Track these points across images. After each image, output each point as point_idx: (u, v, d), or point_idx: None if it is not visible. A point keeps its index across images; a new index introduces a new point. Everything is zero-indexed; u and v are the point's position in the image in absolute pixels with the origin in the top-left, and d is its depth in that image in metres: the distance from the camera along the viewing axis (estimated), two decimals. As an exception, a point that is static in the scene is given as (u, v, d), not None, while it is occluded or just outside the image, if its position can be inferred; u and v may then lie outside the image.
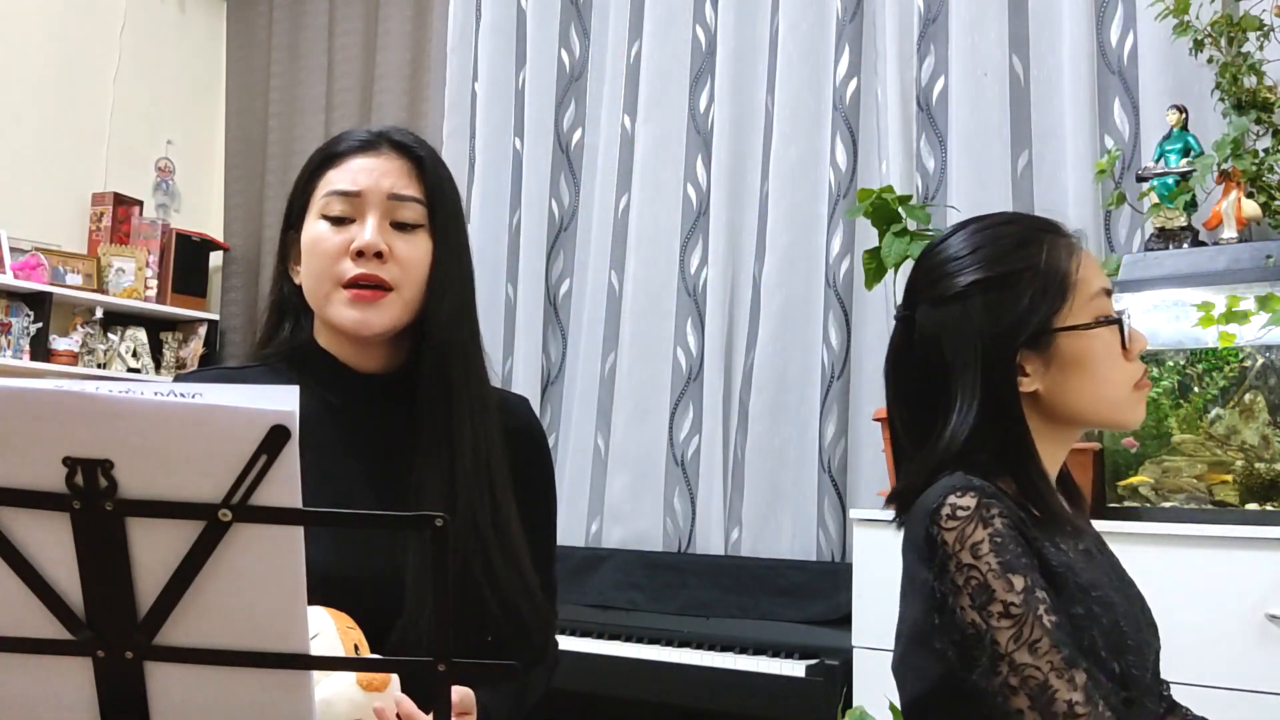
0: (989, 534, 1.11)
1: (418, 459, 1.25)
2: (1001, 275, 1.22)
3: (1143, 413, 1.27)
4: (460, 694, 1.10)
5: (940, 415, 1.22)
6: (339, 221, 1.26)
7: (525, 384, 3.46)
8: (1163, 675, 1.29)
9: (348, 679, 1.02)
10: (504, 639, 1.23)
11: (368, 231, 1.24)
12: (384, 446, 1.27)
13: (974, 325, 1.21)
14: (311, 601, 0.78)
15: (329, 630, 1.05)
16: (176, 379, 1.42)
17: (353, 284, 1.24)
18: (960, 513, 1.12)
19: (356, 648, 1.06)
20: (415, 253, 1.26)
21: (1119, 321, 1.23)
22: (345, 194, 1.26)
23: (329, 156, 1.30)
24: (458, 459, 1.24)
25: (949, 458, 1.20)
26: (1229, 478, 2.11)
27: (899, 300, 2.90)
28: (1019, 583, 1.09)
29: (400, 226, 1.26)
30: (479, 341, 1.33)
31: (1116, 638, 1.15)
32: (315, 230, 1.27)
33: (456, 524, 1.19)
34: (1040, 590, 1.10)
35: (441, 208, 1.28)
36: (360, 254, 1.23)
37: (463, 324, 1.29)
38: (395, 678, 1.06)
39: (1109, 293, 1.25)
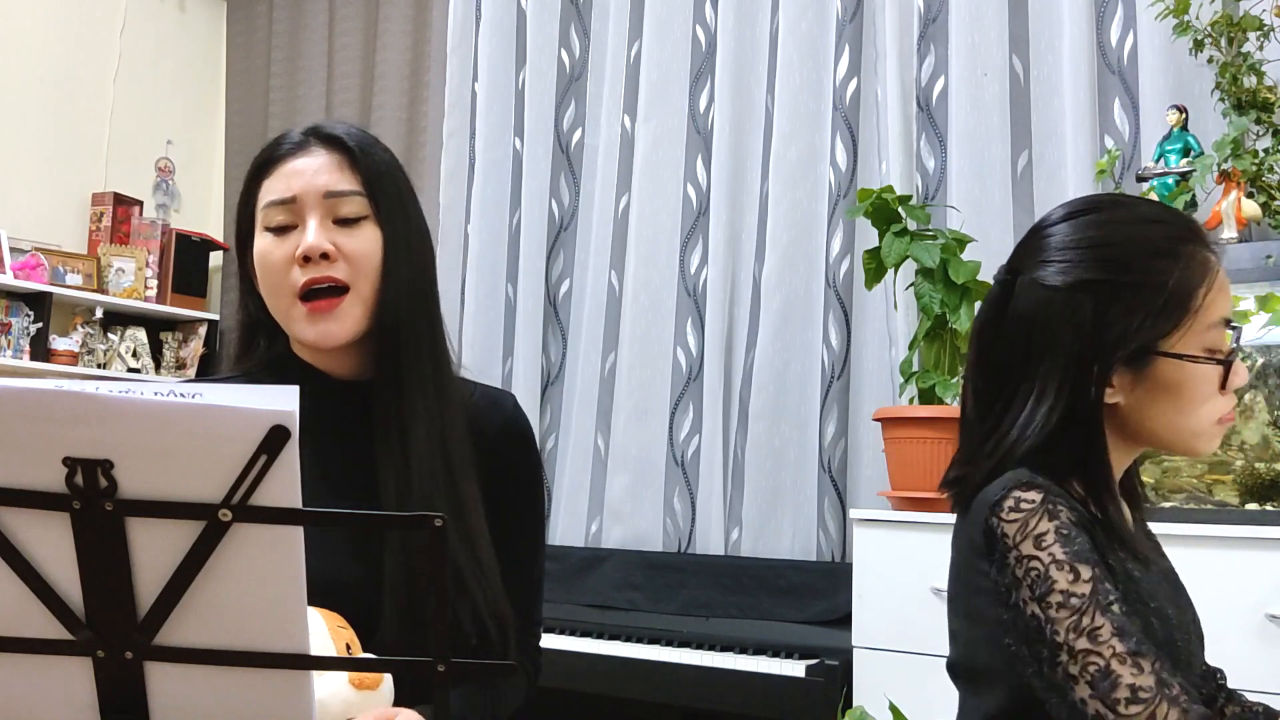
0: (1055, 525, 1.07)
1: (375, 448, 1.23)
2: (1124, 284, 1.14)
3: (1216, 445, 1.20)
4: (389, 715, 1.04)
5: (1014, 400, 1.17)
6: (281, 230, 1.23)
7: (525, 384, 3.46)
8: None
9: (340, 678, 1.02)
10: (466, 637, 1.19)
11: (309, 234, 1.20)
12: (359, 450, 1.25)
13: (1077, 324, 1.14)
14: None
15: (320, 630, 1.05)
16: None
17: (308, 293, 1.21)
18: (1025, 505, 1.08)
19: (349, 647, 1.06)
20: (363, 245, 1.22)
21: (1227, 363, 1.16)
22: (282, 202, 1.23)
23: (263, 165, 1.27)
24: (411, 444, 1.21)
25: (1017, 454, 1.15)
26: (1229, 478, 2.11)
27: (897, 299, 2.90)
28: (1085, 572, 1.05)
29: (343, 222, 1.22)
30: (438, 327, 1.29)
31: (1170, 652, 1.11)
32: (261, 245, 1.24)
33: (412, 510, 1.17)
34: (1109, 583, 1.05)
35: (383, 195, 1.24)
36: (307, 259, 1.20)
37: (415, 308, 1.25)
38: (388, 677, 1.06)
39: (1228, 322, 1.18)
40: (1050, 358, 1.15)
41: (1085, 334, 1.13)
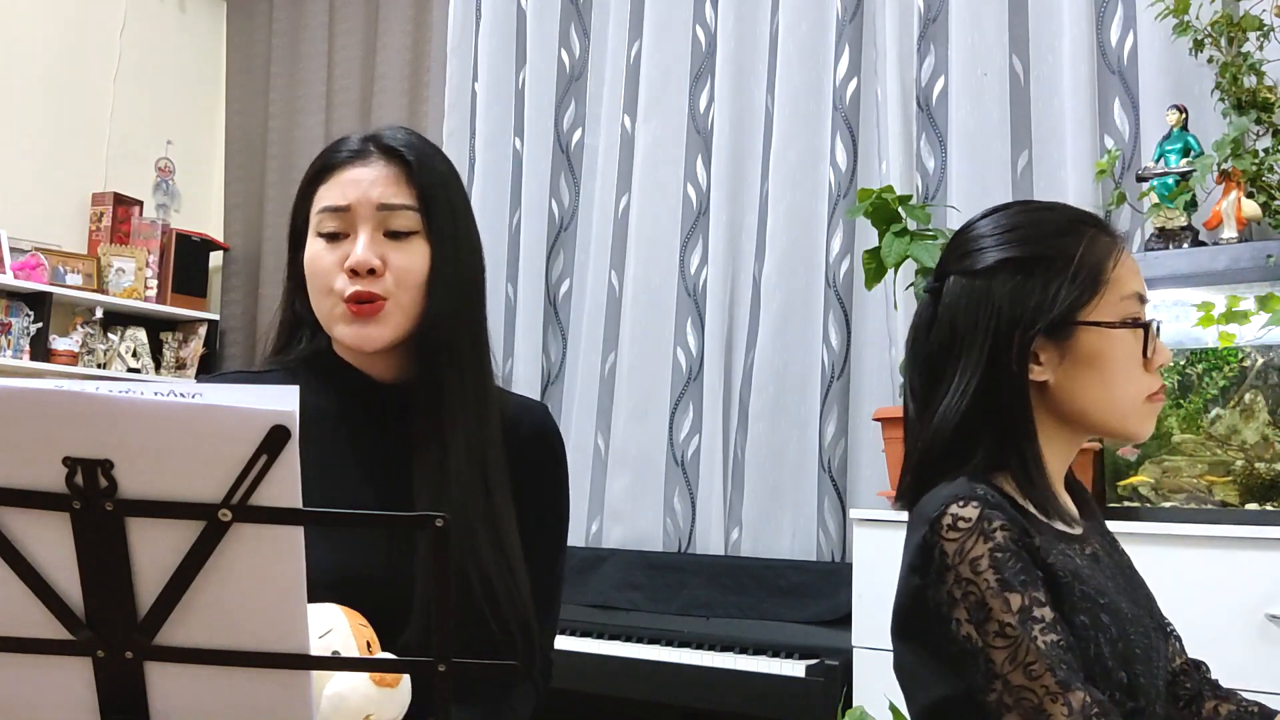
0: (989, 549, 1.09)
1: (412, 459, 1.24)
2: (1034, 257, 1.19)
3: (1151, 427, 1.22)
4: None
5: (943, 389, 1.20)
6: (333, 238, 1.24)
7: (525, 384, 3.46)
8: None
9: (361, 674, 1.02)
10: (494, 646, 1.20)
11: (359, 248, 1.22)
12: (392, 451, 1.27)
13: (994, 302, 1.18)
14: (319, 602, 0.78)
15: (342, 627, 1.05)
16: (198, 381, 1.42)
17: (351, 299, 1.23)
18: (961, 524, 1.10)
19: (369, 645, 1.07)
20: (411, 261, 1.24)
21: (1145, 326, 1.19)
22: (335, 209, 1.24)
23: (321, 170, 1.28)
24: (450, 457, 1.22)
25: (943, 441, 1.18)
26: (1229, 478, 2.11)
27: (897, 299, 2.91)
28: (1015, 602, 1.08)
29: (394, 235, 1.24)
30: (482, 342, 1.30)
31: (1124, 647, 1.13)
32: (312, 249, 1.26)
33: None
34: (1038, 609, 1.08)
35: (436, 211, 1.25)
36: (354, 271, 1.22)
37: (459, 325, 1.26)
38: (406, 676, 1.06)
39: (1143, 300, 1.22)
40: (974, 340, 1.19)
41: (1005, 309, 1.18)
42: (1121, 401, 1.19)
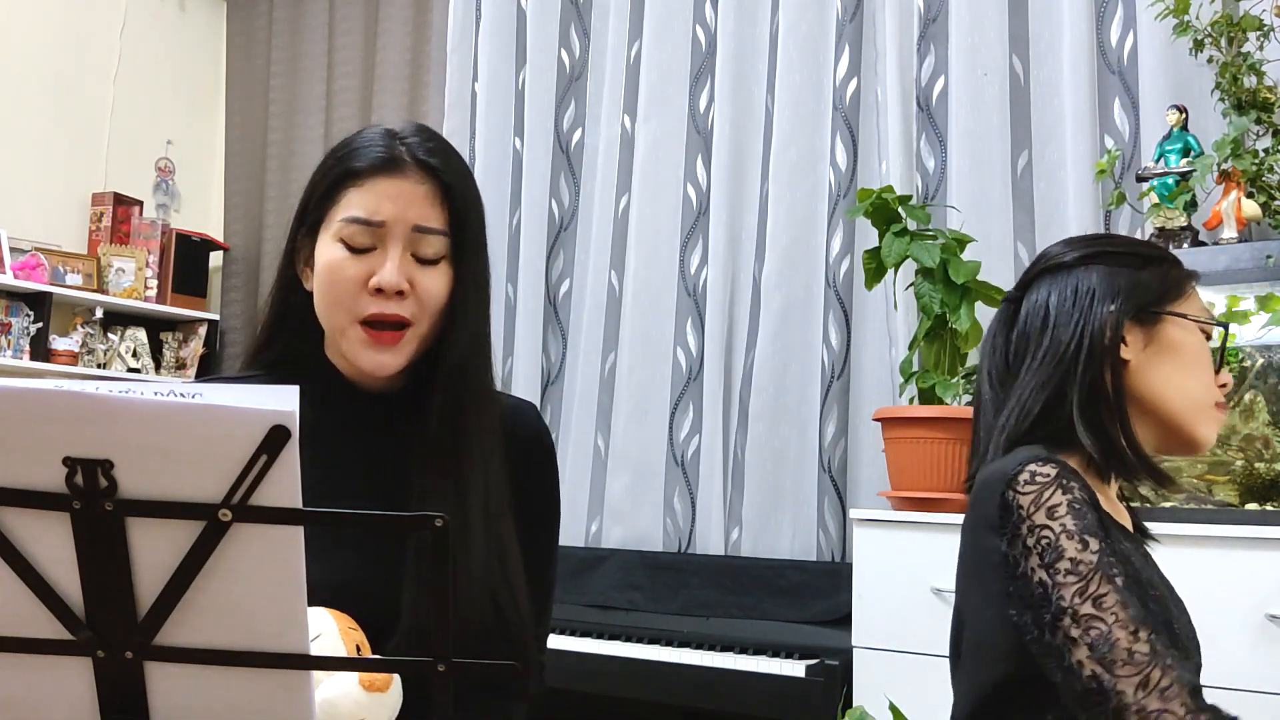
0: (1068, 499, 1.12)
1: (424, 482, 1.22)
2: (1124, 253, 1.29)
3: (1213, 436, 1.28)
4: None
5: (1027, 369, 1.26)
6: (358, 250, 1.20)
7: (525, 384, 3.46)
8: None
9: (351, 679, 1.02)
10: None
11: (389, 271, 1.18)
12: (387, 465, 1.25)
13: (1090, 283, 1.25)
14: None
15: (331, 631, 1.05)
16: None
17: (371, 321, 1.19)
18: (1040, 478, 1.14)
19: (359, 648, 1.06)
20: (436, 286, 1.20)
21: (1225, 327, 1.29)
22: (368, 223, 1.19)
23: (350, 173, 1.22)
24: (471, 494, 1.20)
25: (1031, 411, 1.22)
26: (1229, 478, 2.11)
27: (897, 299, 2.90)
28: (1094, 544, 1.10)
29: (422, 259, 1.20)
30: (486, 353, 1.28)
31: (1169, 635, 1.14)
32: (333, 256, 1.21)
33: (458, 549, 1.17)
34: (1113, 557, 1.10)
35: (466, 236, 1.22)
36: (380, 290, 1.18)
37: (476, 348, 1.25)
38: (397, 679, 1.06)
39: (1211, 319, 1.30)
40: (1067, 319, 1.25)
41: (1099, 288, 1.25)
42: (1195, 393, 1.25)
